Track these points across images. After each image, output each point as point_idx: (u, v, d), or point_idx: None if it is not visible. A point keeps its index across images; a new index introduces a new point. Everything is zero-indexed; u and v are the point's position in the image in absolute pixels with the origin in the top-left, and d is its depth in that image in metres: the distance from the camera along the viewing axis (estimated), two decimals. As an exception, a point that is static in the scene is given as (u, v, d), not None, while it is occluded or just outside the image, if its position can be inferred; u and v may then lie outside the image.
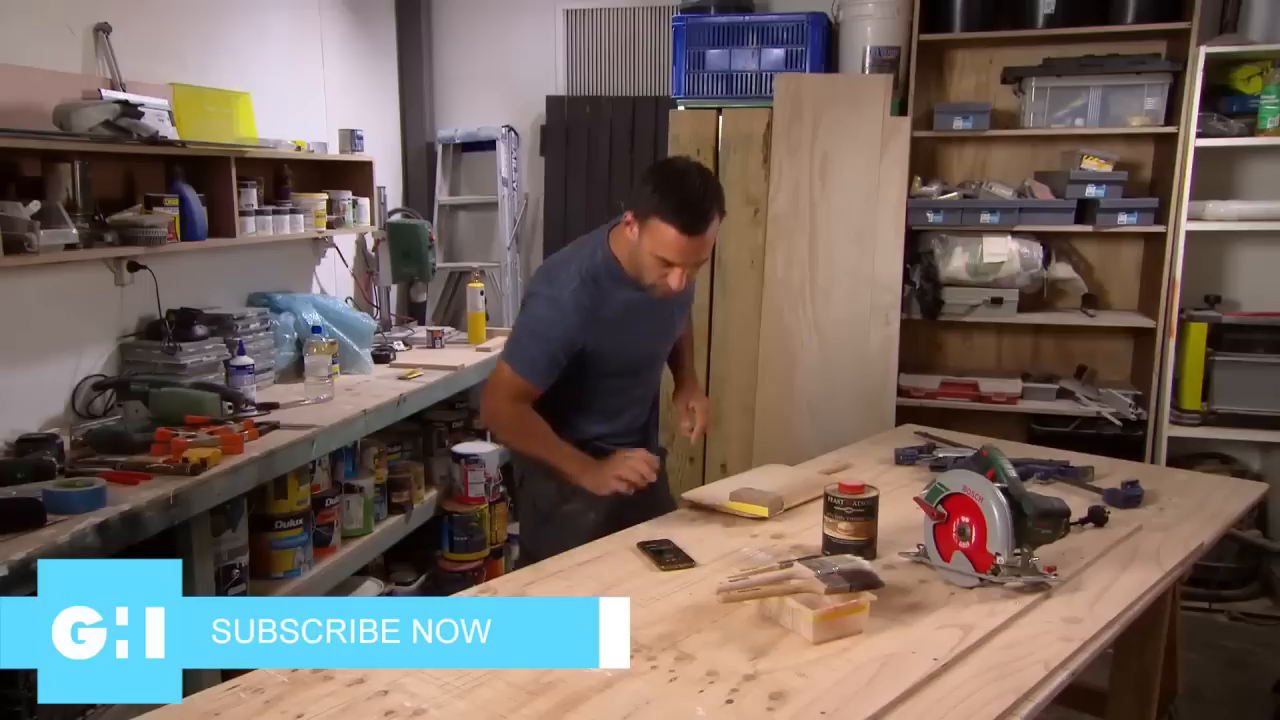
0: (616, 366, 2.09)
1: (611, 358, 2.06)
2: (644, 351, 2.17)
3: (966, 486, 1.58)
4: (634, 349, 2.11)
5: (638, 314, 2.04)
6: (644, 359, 2.18)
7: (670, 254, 1.87)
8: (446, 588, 3.27)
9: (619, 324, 2.02)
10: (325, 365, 2.91)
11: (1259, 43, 3.40)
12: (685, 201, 1.84)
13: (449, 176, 4.51)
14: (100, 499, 1.92)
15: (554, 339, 1.98)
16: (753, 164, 3.67)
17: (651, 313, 2.08)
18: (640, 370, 2.18)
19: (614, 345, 2.04)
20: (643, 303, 2.02)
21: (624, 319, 2.02)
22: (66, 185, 2.38)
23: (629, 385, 2.16)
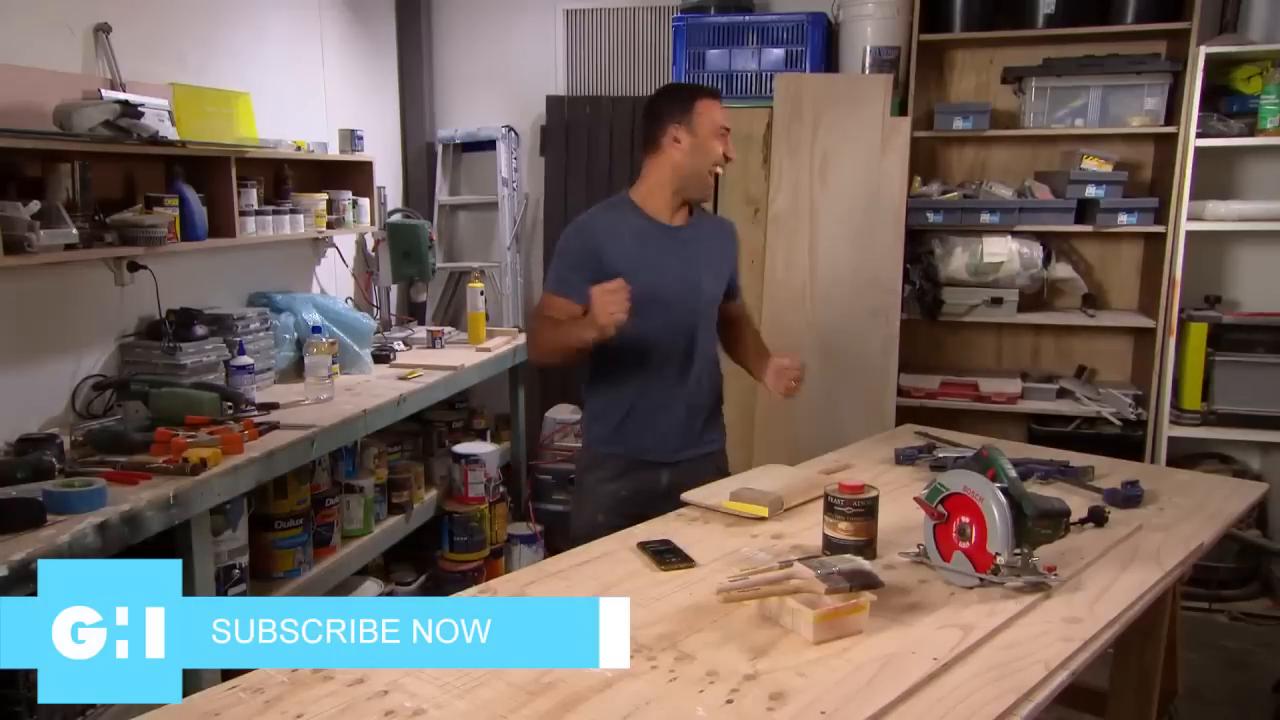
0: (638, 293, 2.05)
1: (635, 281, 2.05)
2: (668, 283, 2.19)
3: (966, 486, 1.58)
4: (655, 276, 2.16)
5: (655, 242, 2.21)
6: (671, 293, 2.19)
7: (725, 119, 2.20)
8: (446, 588, 3.27)
9: (639, 247, 2.18)
10: (325, 365, 2.91)
11: (1259, 43, 3.40)
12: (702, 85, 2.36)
13: (449, 176, 4.51)
14: (100, 499, 1.92)
15: (575, 250, 2.18)
16: (753, 164, 3.67)
17: (671, 246, 2.22)
18: (669, 306, 2.18)
19: (634, 267, 2.10)
20: (661, 234, 2.22)
21: (644, 243, 2.19)
22: (66, 185, 2.38)
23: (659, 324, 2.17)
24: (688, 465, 2.26)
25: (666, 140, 2.18)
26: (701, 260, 2.27)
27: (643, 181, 2.25)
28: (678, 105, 2.18)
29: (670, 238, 2.23)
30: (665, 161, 2.20)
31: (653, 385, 2.23)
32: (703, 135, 2.17)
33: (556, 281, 2.20)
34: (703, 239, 2.29)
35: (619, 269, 2.09)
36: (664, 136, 2.19)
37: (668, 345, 2.23)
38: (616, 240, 2.17)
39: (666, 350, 2.23)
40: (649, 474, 2.24)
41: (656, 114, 2.21)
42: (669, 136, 2.18)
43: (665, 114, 2.19)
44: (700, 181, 2.23)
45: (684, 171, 2.19)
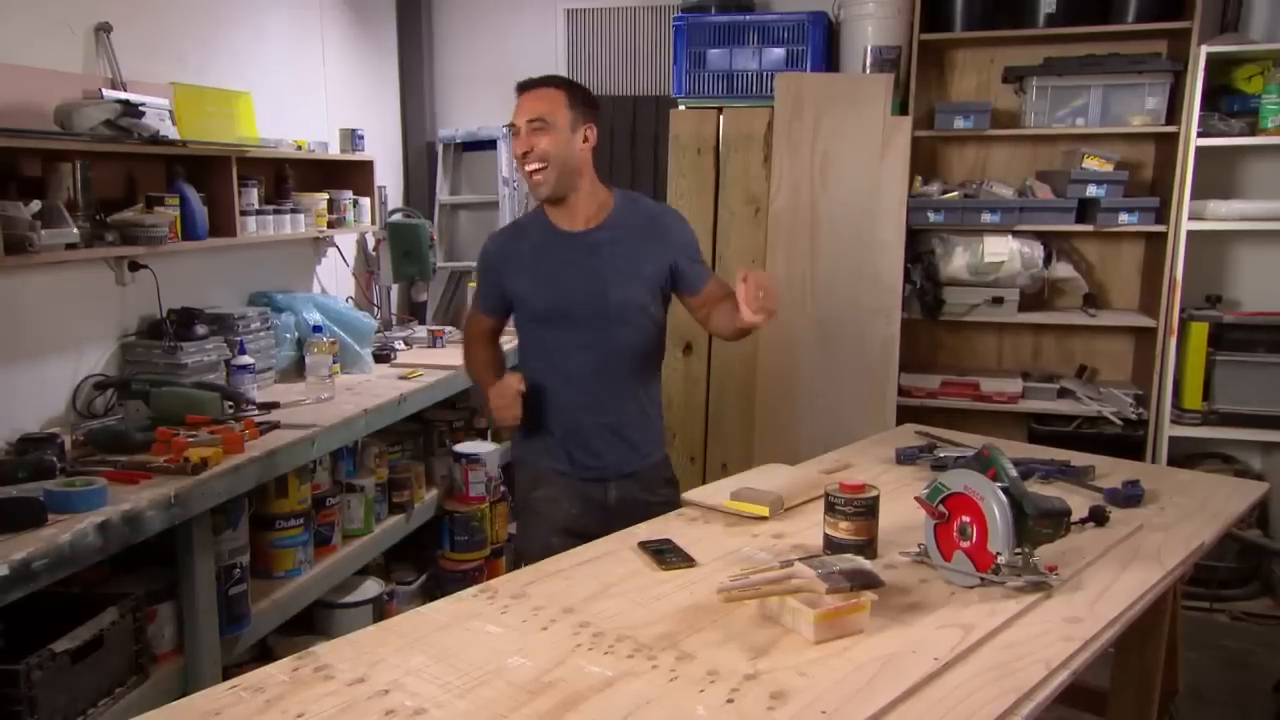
0: (541, 309, 2.17)
1: (532, 296, 2.17)
2: (569, 295, 2.12)
3: (967, 486, 1.58)
4: (554, 289, 2.14)
5: (554, 254, 2.15)
6: (575, 306, 2.12)
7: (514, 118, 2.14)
8: (447, 587, 3.27)
9: (536, 262, 2.16)
10: (326, 365, 2.91)
11: (1260, 42, 3.40)
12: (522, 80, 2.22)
13: (450, 176, 4.51)
14: (101, 498, 1.92)
15: (481, 270, 2.30)
16: (753, 163, 3.67)
17: (573, 255, 2.15)
18: (578, 319, 2.12)
19: (531, 284, 2.16)
20: (562, 244, 2.15)
21: (540, 255, 2.16)
22: (67, 185, 2.38)
23: (571, 338, 2.14)
24: (632, 478, 2.20)
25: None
26: (608, 267, 2.12)
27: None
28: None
29: (573, 246, 2.12)
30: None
31: (578, 398, 2.15)
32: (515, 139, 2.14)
33: (475, 294, 2.34)
34: (615, 241, 2.14)
35: (516, 289, 2.18)
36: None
37: (584, 359, 2.14)
38: (514, 259, 2.19)
39: (584, 364, 2.14)
40: (595, 489, 2.18)
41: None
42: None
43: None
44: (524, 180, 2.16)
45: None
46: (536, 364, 2.20)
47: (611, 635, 1.40)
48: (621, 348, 2.16)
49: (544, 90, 2.12)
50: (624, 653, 1.35)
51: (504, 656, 1.34)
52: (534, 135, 2.08)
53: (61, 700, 1.81)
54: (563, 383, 2.17)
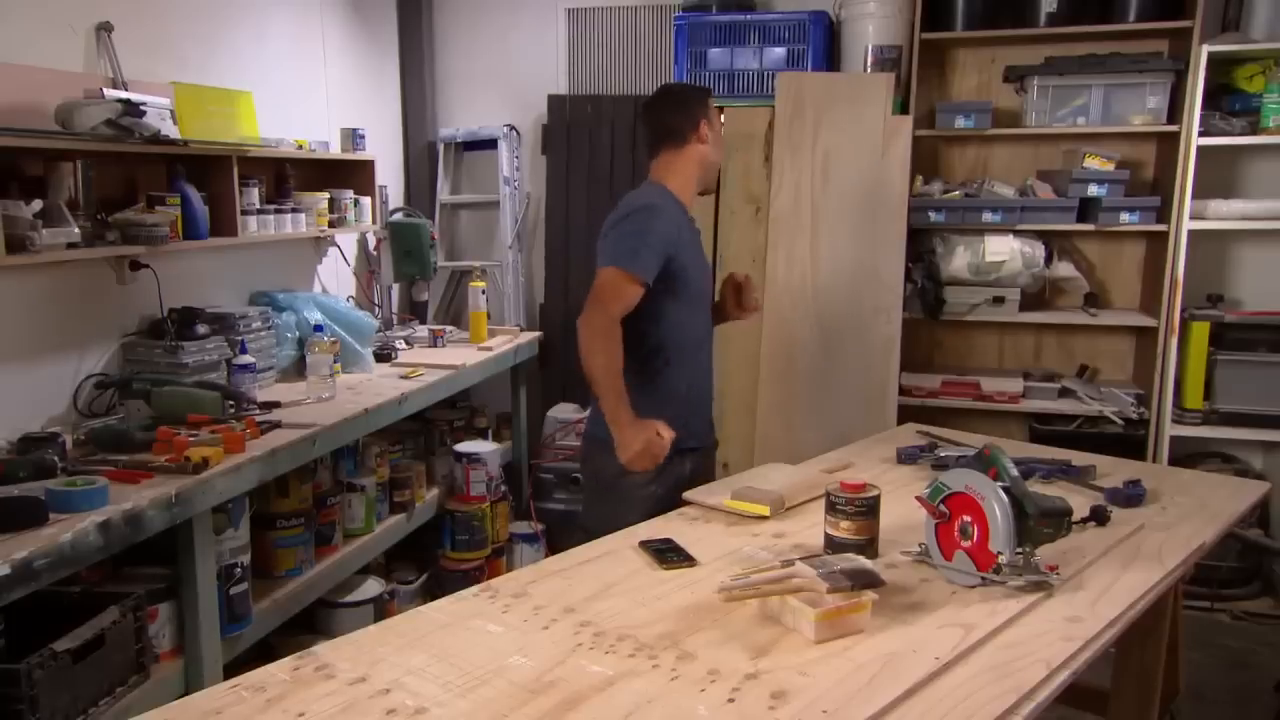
0: (693, 288, 2.28)
1: (692, 275, 2.27)
2: (704, 278, 2.36)
3: (968, 485, 1.58)
4: (701, 270, 2.34)
5: (693, 239, 2.33)
6: (705, 288, 2.36)
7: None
8: (448, 587, 3.27)
9: (690, 238, 2.30)
10: (327, 364, 2.91)
11: (1261, 41, 3.40)
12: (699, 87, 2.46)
13: (450, 175, 4.52)
14: (102, 498, 1.92)
15: (659, 233, 2.16)
16: (754, 163, 3.67)
17: (698, 243, 2.35)
18: (705, 298, 2.38)
19: (690, 260, 2.26)
20: (692, 231, 2.33)
21: (691, 237, 2.31)
22: (69, 184, 2.38)
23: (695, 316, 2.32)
24: (705, 452, 2.42)
25: (697, 134, 2.29)
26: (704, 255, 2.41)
27: (672, 174, 2.31)
28: (701, 100, 2.31)
29: (696, 232, 2.35)
30: (694, 154, 2.30)
31: (697, 373, 2.34)
32: (718, 131, 2.35)
33: (632, 258, 2.09)
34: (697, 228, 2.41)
35: (684, 261, 2.24)
36: (694, 130, 2.28)
37: (704, 334, 2.37)
38: (681, 231, 2.25)
39: (702, 338, 2.36)
40: (678, 465, 2.26)
41: (684, 107, 2.29)
42: (700, 130, 2.29)
43: (695, 108, 2.29)
44: (715, 175, 2.41)
45: (708, 164, 2.34)
46: (667, 340, 2.25)
47: (612, 635, 1.40)
48: (712, 324, 2.44)
49: None
50: (625, 652, 1.35)
51: (505, 656, 1.34)
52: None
53: (62, 699, 1.81)
54: (691, 355, 2.31)
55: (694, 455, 2.33)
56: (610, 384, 2.11)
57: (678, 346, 2.27)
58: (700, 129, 2.29)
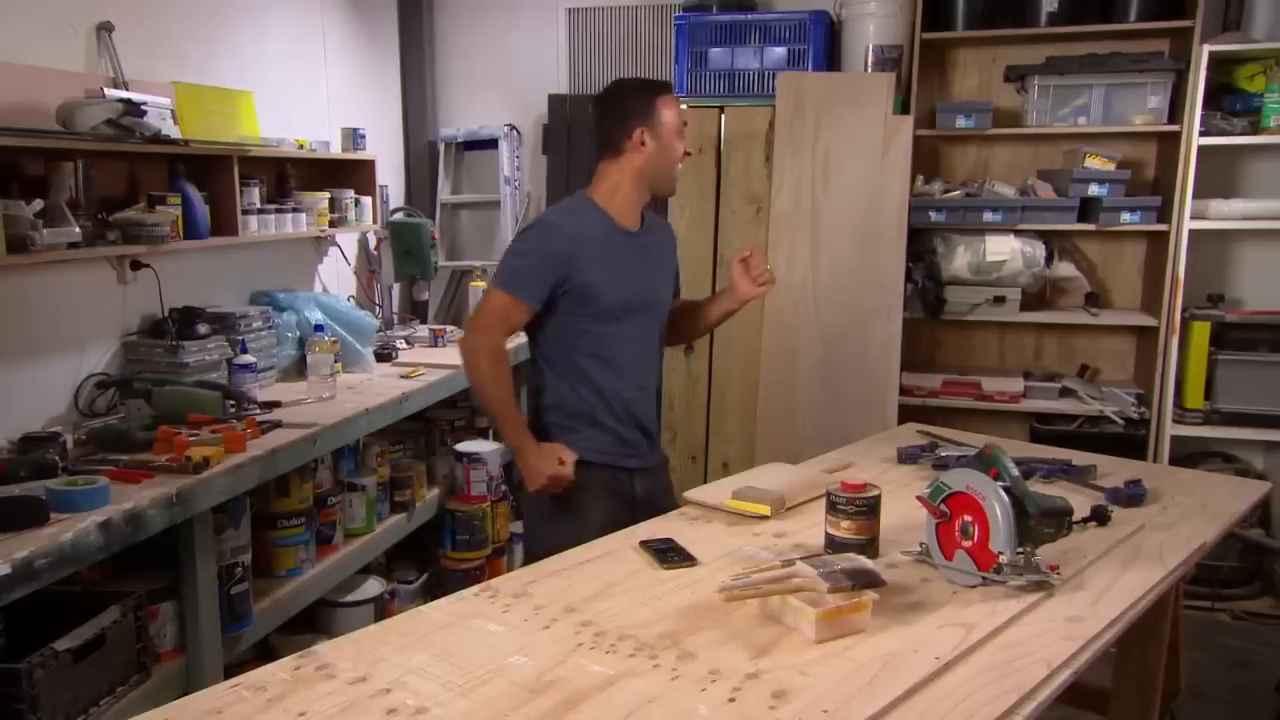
0: (611, 305, 2.13)
1: (604, 292, 2.11)
2: (633, 293, 2.17)
3: (969, 485, 1.58)
4: (622, 286, 2.14)
5: (620, 249, 2.15)
6: (636, 303, 2.18)
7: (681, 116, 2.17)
8: (448, 586, 3.27)
9: (605, 254, 2.12)
10: (327, 364, 2.91)
11: (1262, 41, 3.40)
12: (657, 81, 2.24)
13: (451, 175, 4.52)
14: (103, 497, 1.92)
15: (542, 253, 2.08)
16: (755, 162, 3.67)
17: (633, 253, 2.18)
18: (634, 316, 2.19)
19: (603, 276, 2.11)
20: (624, 241, 2.16)
21: (608, 250, 2.13)
22: (69, 184, 2.38)
23: (624, 333, 2.17)
24: (653, 471, 2.28)
25: (631, 143, 2.12)
26: (656, 267, 2.26)
27: (601, 184, 2.17)
28: (639, 105, 2.11)
29: (632, 245, 2.18)
30: (628, 165, 2.14)
31: (627, 391, 2.19)
32: (666, 135, 2.12)
33: (513, 280, 2.08)
34: (655, 244, 2.27)
35: (587, 278, 2.09)
36: (627, 140, 2.12)
37: (633, 353, 2.20)
38: (585, 248, 2.10)
39: (634, 357, 2.21)
40: (625, 483, 2.21)
41: (618, 115, 2.13)
42: (634, 140, 2.11)
43: (628, 115, 2.11)
44: (669, 180, 2.20)
45: (650, 173, 2.15)
46: (590, 357, 2.16)
47: (613, 634, 1.40)
48: (657, 343, 2.31)
49: None
50: (625, 652, 1.35)
51: (505, 655, 1.34)
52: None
53: (64, 699, 1.81)
54: (616, 375, 2.18)
55: (641, 475, 2.23)
56: (504, 411, 2.11)
57: (602, 365, 2.15)
58: (636, 137, 2.11)
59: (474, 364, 2.09)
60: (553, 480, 2.08)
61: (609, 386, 2.17)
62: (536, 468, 2.09)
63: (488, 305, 2.11)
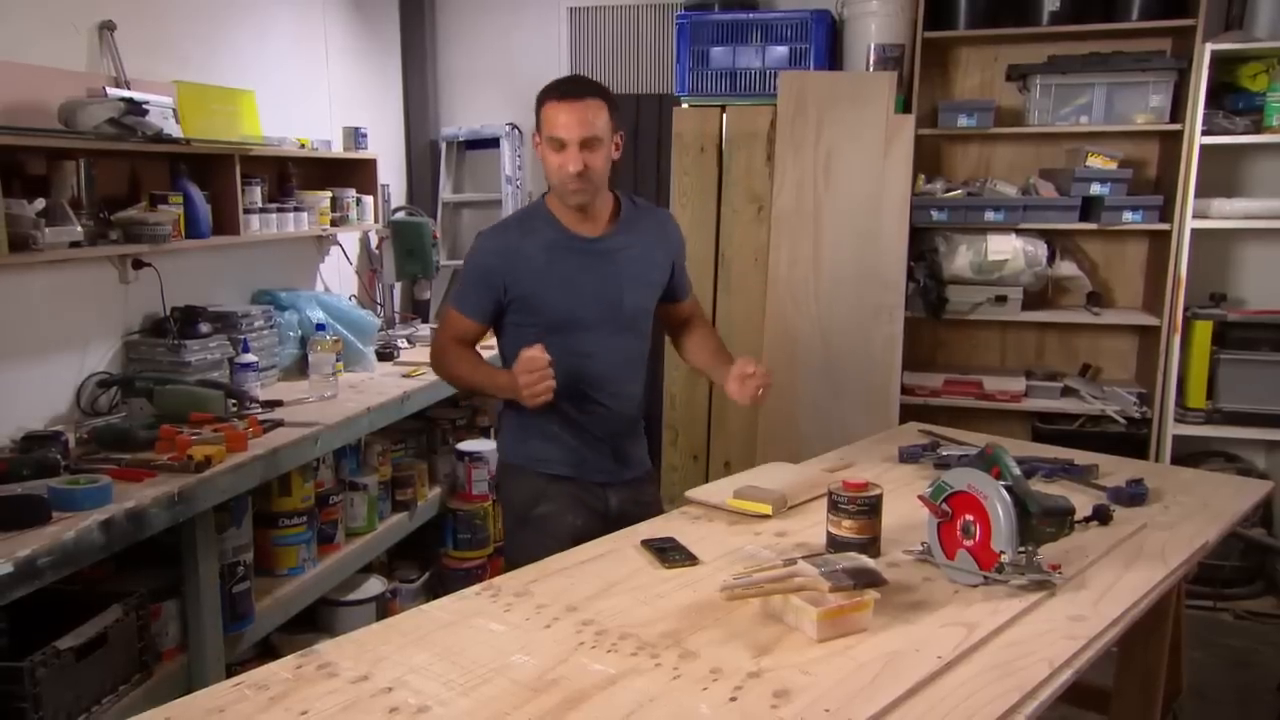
0: (555, 317, 2.05)
1: (545, 303, 2.04)
2: (585, 303, 2.06)
3: (971, 484, 1.58)
4: (570, 296, 2.05)
5: (570, 258, 2.05)
6: (589, 314, 2.07)
7: (557, 130, 1.95)
8: (450, 585, 3.27)
9: (548, 264, 2.04)
10: (329, 363, 2.91)
11: (1265, 40, 3.39)
12: (558, 83, 2.04)
13: (453, 174, 4.52)
14: (105, 496, 1.92)
15: (478, 269, 2.09)
16: (756, 162, 3.67)
17: (588, 261, 2.06)
18: (590, 327, 2.07)
19: (545, 287, 2.04)
20: (576, 248, 2.06)
21: (553, 259, 2.04)
22: (71, 183, 2.38)
23: (580, 346, 2.06)
24: (630, 484, 2.20)
25: (536, 147, 2.04)
26: (624, 274, 2.10)
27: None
28: (537, 109, 2.00)
29: (586, 251, 2.06)
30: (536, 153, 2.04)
31: (588, 406, 2.11)
32: (544, 146, 1.99)
33: (458, 296, 2.12)
34: (628, 246, 2.10)
35: (528, 289, 2.03)
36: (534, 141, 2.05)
37: (591, 365, 2.09)
38: (522, 260, 2.03)
39: (595, 371, 2.10)
40: (598, 497, 2.15)
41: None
42: (535, 143, 2.04)
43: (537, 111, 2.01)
44: (561, 192, 2.01)
45: (548, 182, 2.04)
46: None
47: (614, 633, 1.40)
48: (628, 353, 2.16)
49: (593, 102, 1.98)
50: (627, 651, 1.35)
51: (507, 654, 1.34)
52: (586, 153, 1.95)
53: (66, 698, 1.82)
54: (572, 390, 2.06)
55: (616, 489, 2.16)
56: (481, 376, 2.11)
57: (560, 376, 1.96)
58: (535, 143, 2.04)
59: (439, 369, 2.19)
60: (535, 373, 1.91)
61: (569, 399, 2.07)
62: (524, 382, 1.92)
63: (442, 321, 2.19)
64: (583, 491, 2.13)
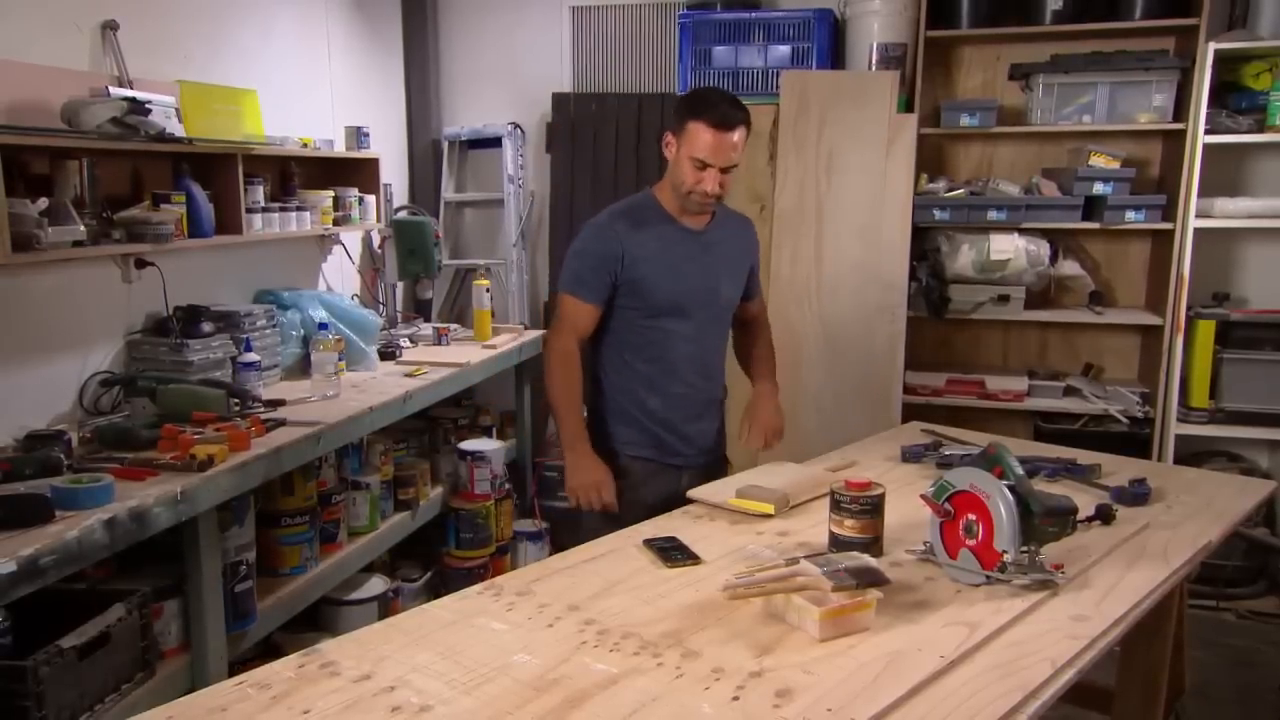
0: (662, 301, 2.17)
1: (655, 288, 2.16)
2: (688, 290, 2.20)
3: (973, 484, 1.58)
4: (677, 283, 2.18)
5: (678, 247, 2.19)
6: (691, 300, 2.21)
7: (703, 152, 2.07)
8: (452, 584, 3.28)
9: (660, 251, 2.16)
10: (331, 362, 2.92)
11: (1268, 39, 3.38)
12: (713, 104, 2.08)
13: (455, 173, 4.52)
14: (108, 495, 1.93)
15: (595, 253, 2.16)
16: (759, 161, 3.66)
17: (693, 251, 2.21)
18: (689, 313, 2.21)
19: (656, 273, 2.16)
20: (683, 238, 2.20)
21: (664, 247, 2.17)
22: (74, 182, 2.38)
23: (678, 330, 2.21)
24: (705, 468, 2.30)
25: (664, 144, 2.17)
26: (721, 264, 2.26)
27: (665, 179, 2.22)
28: (678, 115, 2.13)
29: (692, 241, 2.21)
30: (670, 166, 2.18)
31: (675, 388, 2.24)
32: (681, 156, 2.11)
33: (575, 282, 2.18)
34: (724, 240, 2.27)
35: (640, 274, 2.15)
36: (664, 143, 2.17)
37: (687, 350, 2.24)
38: (639, 245, 2.16)
39: (687, 354, 2.24)
40: (672, 478, 2.24)
41: (674, 116, 2.17)
42: (665, 141, 2.17)
43: (674, 118, 2.15)
44: (681, 199, 2.16)
45: (674, 182, 2.17)
46: (637, 353, 2.22)
47: (617, 632, 1.40)
48: (716, 340, 2.33)
49: (741, 130, 2.09)
50: (629, 650, 1.35)
51: (509, 653, 1.34)
52: (726, 176, 2.10)
53: (69, 696, 1.82)
54: (663, 372, 2.21)
55: (691, 471, 2.25)
56: (566, 410, 2.17)
57: (650, 361, 2.21)
58: (665, 142, 2.17)
59: (548, 368, 2.20)
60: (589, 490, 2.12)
61: (655, 383, 2.22)
62: (580, 481, 2.13)
63: (558, 310, 2.22)
64: (660, 472, 2.24)
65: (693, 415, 2.28)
